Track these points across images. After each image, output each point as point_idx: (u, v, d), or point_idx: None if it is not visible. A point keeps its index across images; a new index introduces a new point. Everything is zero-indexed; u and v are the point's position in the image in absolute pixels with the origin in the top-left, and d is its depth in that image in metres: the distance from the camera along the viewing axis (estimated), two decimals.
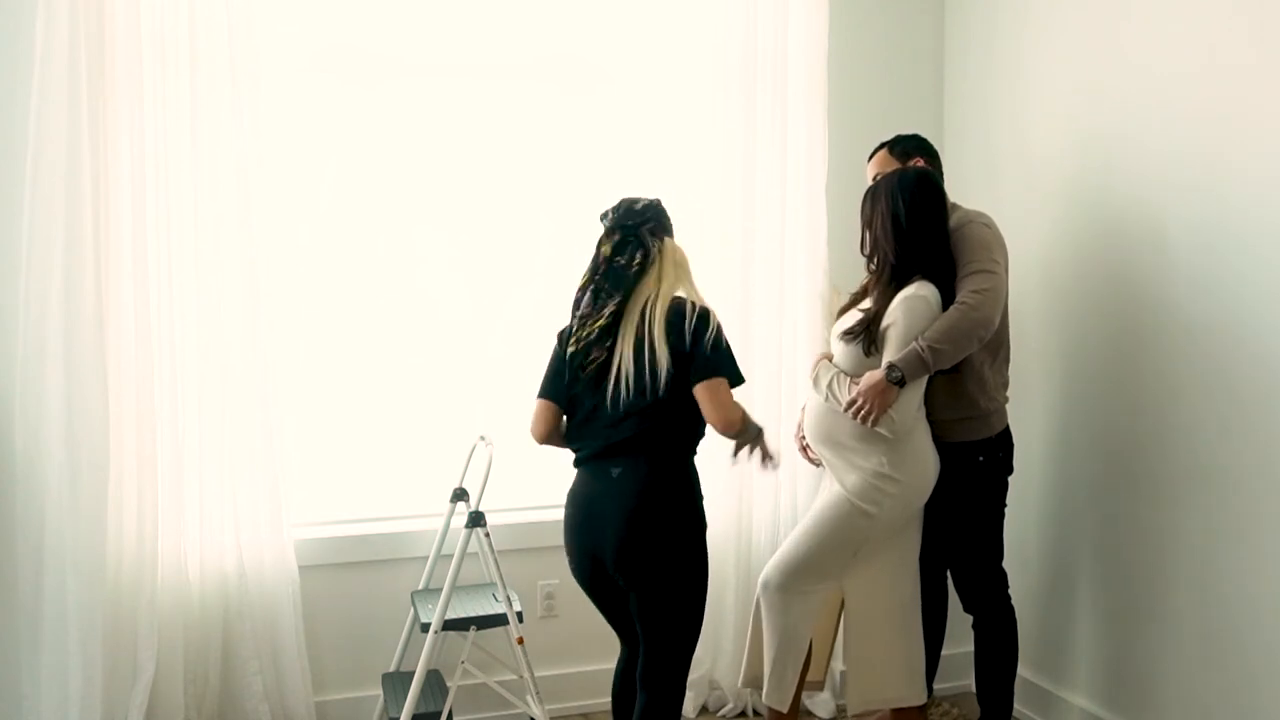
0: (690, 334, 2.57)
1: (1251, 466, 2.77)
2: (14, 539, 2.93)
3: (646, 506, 2.57)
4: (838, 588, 2.99)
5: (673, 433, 2.61)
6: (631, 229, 2.67)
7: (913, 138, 3.18)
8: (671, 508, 2.60)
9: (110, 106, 2.94)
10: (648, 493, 2.58)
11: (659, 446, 2.60)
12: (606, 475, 2.61)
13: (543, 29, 3.55)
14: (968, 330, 2.80)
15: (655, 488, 2.59)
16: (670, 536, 2.58)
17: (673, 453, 2.63)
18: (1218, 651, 2.88)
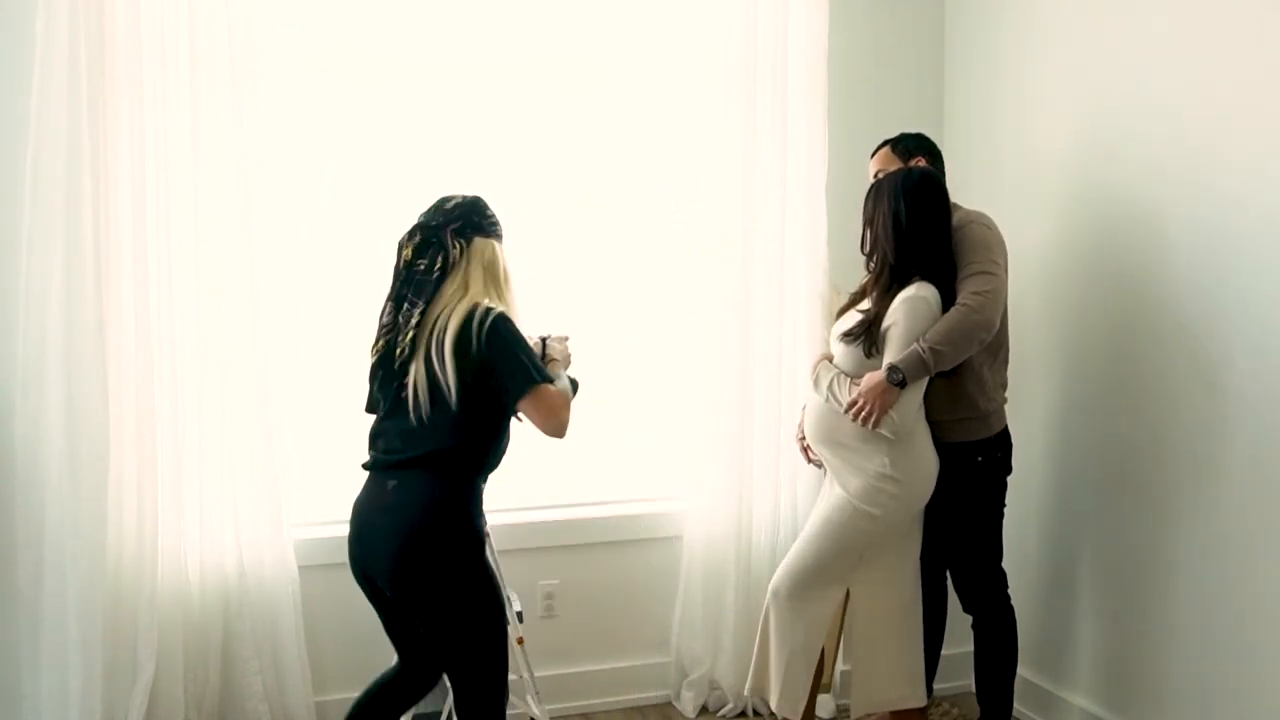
0: (483, 349, 2.40)
1: (1251, 466, 2.77)
2: (14, 538, 2.93)
3: (418, 525, 2.41)
4: (844, 591, 3.00)
5: (459, 451, 2.45)
6: (434, 230, 2.51)
7: (916, 136, 3.18)
8: (444, 529, 2.42)
9: (110, 106, 2.94)
10: (421, 511, 2.42)
11: (441, 464, 2.44)
12: (383, 488, 2.47)
13: (543, 29, 3.55)
14: (969, 332, 2.80)
15: (429, 506, 2.42)
16: (441, 559, 2.41)
17: (456, 471, 2.45)
18: (1217, 651, 2.88)
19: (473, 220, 2.54)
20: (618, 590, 3.64)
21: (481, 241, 2.54)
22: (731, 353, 3.52)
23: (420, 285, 2.48)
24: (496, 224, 2.59)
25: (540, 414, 2.47)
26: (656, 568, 3.66)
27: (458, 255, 2.51)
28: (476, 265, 2.53)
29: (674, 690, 3.67)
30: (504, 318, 2.46)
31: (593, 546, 3.61)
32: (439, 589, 2.43)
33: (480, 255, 2.54)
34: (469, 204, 2.56)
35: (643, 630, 3.67)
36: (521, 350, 2.45)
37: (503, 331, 2.43)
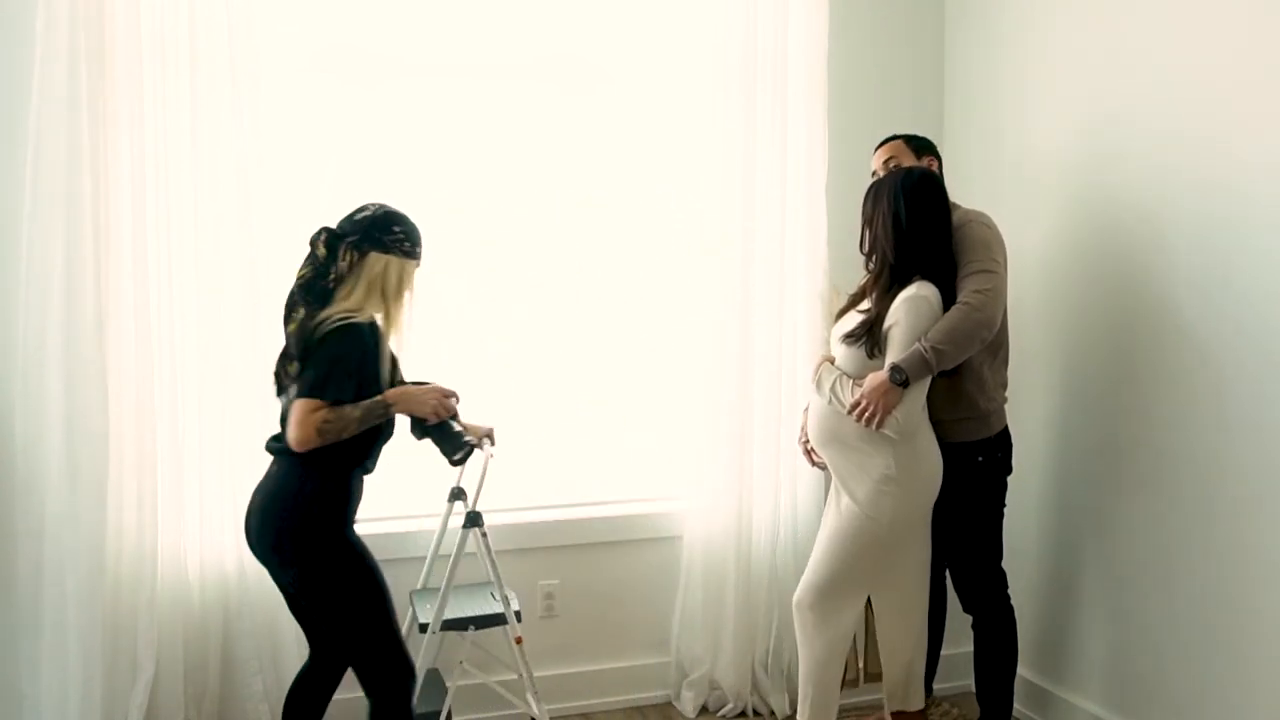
0: (313, 349, 2.51)
1: (1251, 466, 2.77)
2: (14, 538, 2.93)
3: (271, 511, 2.54)
4: (865, 598, 2.99)
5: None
6: (337, 237, 2.61)
7: (928, 140, 3.18)
8: (297, 517, 2.52)
9: (110, 106, 2.94)
10: (275, 498, 2.55)
11: (302, 455, 2.50)
12: (265, 471, 2.63)
13: (543, 29, 3.55)
14: (971, 331, 2.80)
15: (284, 494, 2.54)
16: (294, 546, 2.53)
17: (317, 463, 2.53)
18: (1218, 651, 2.88)
19: (372, 235, 2.60)
20: (618, 590, 3.64)
21: (376, 256, 2.59)
22: (731, 353, 3.52)
23: (305, 291, 2.59)
24: (402, 240, 2.62)
25: (292, 416, 2.49)
26: (656, 568, 3.66)
27: (346, 267, 2.58)
28: (364, 278, 2.58)
29: (674, 690, 3.67)
30: (353, 330, 2.51)
31: (593, 546, 3.61)
32: (299, 574, 2.56)
33: (370, 269, 2.59)
34: (374, 218, 2.62)
35: (643, 630, 3.68)
36: (334, 362, 2.48)
37: (335, 340, 2.49)
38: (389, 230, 2.61)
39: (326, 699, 2.80)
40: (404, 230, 2.63)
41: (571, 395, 3.71)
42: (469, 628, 3.05)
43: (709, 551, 3.58)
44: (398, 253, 2.62)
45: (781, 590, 3.60)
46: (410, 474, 3.49)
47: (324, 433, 2.49)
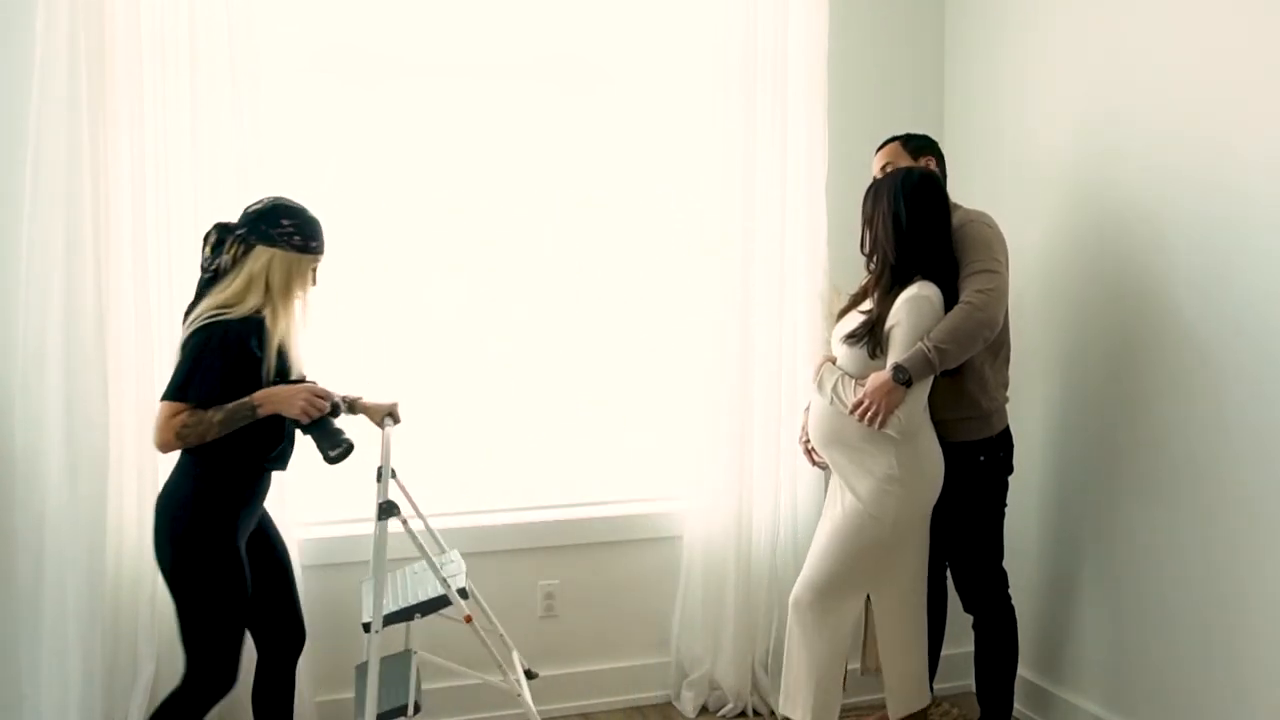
0: (182, 339, 2.52)
1: (1251, 466, 2.77)
2: (14, 538, 2.93)
3: (160, 508, 2.58)
4: (864, 598, 2.99)
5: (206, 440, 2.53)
6: (226, 230, 2.60)
7: (926, 138, 3.18)
8: (178, 516, 2.54)
9: (110, 106, 2.94)
10: (164, 495, 2.58)
11: (193, 453, 2.55)
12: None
13: (543, 29, 3.55)
14: (973, 330, 2.80)
15: (172, 491, 2.57)
16: (170, 542, 2.55)
17: (213, 461, 2.55)
18: (1217, 651, 2.88)
19: (259, 228, 2.58)
20: (618, 590, 3.64)
21: (261, 250, 2.56)
22: (731, 353, 3.52)
23: (202, 287, 2.59)
24: (291, 234, 2.58)
25: (156, 418, 2.51)
26: (656, 568, 3.66)
27: (229, 261, 2.57)
28: (245, 272, 2.56)
29: (674, 690, 3.67)
30: (214, 329, 2.49)
31: (593, 546, 3.61)
32: (167, 568, 2.56)
33: (253, 263, 2.56)
34: (262, 210, 2.59)
35: (643, 630, 3.67)
36: (193, 362, 2.47)
37: (197, 339, 2.49)
38: (276, 223, 2.57)
39: (291, 691, 2.83)
40: (295, 223, 2.58)
41: (572, 395, 3.71)
42: (415, 616, 2.86)
43: (709, 551, 3.58)
44: (285, 246, 2.57)
45: (781, 590, 3.60)
46: (411, 474, 3.50)
47: (183, 437, 2.47)
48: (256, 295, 2.56)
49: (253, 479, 2.66)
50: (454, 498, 3.58)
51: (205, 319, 2.50)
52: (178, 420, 2.48)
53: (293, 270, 2.60)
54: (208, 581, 2.55)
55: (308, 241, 2.61)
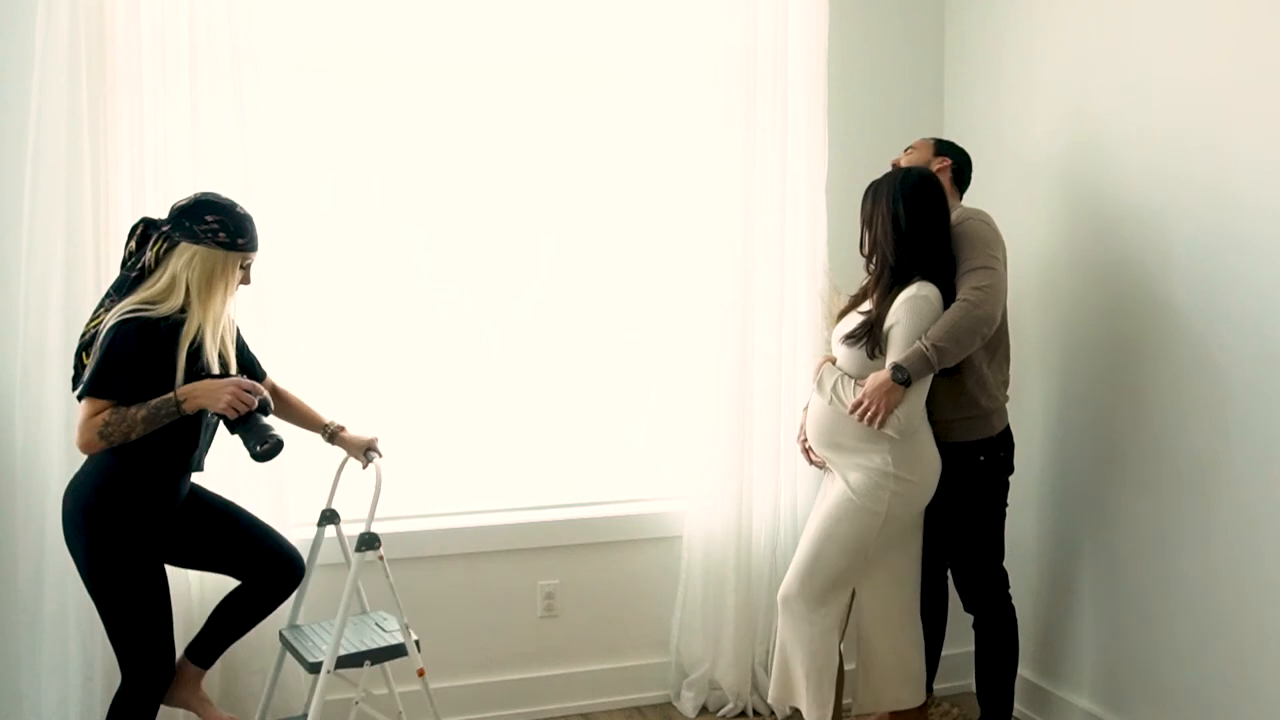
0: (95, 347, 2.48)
1: (1251, 466, 2.77)
2: (14, 539, 2.93)
3: (70, 495, 2.57)
4: (850, 592, 2.99)
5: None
6: (152, 226, 2.58)
7: (950, 143, 3.19)
8: (91, 503, 2.52)
9: (110, 105, 2.93)
10: (78, 483, 2.57)
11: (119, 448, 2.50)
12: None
13: (543, 29, 3.55)
14: (971, 327, 2.80)
15: (88, 478, 2.55)
16: (72, 524, 2.54)
17: (131, 456, 2.52)
18: (1218, 650, 2.88)
19: (183, 224, 2.54)
20: (618, 590, 3.64)
21: (185, 246, 2.52)
22: (731, 352, 3.52)
23: (119, 284, 2.55)
24: (215, 230, 2.53)
25: (77, 418, 2.49)
26: (656, 568, 3.66)
27: (153, 259, 2.54)
28: (169, 272, 2.52)
29: (674, 690, 3.67)
30: (125, 327, 2.45)
31: (593, 546, 3.61)
32: (81, 563, 2.55)
33: (176, 260, 2.52)
34: (185, 206, 2.55)
35: (643, 630, 3.67)
36: (105, 359, 2.43)
37: (109, 337, 2.45)
38: (200, 219, 2.52)
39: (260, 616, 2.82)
40: (220, 219, 2.52)
41: (572, 395, 3.71)
42: (365, 662, 2.78)
43: (709, 551, 3.58)
44: (209, 243, 2.51)
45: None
46: (411, 473, 3.50)
47: (106, 435, 2.44)
48: (179, 294, 2.51)
49: (167, 480, 2.62)
50: (454, 498, 3.58)
51: (124, 313, 2.46)
52: (99, 419, 2.44)
53: (216, 268, 2.53)
54: (120, 578, 2.54)
55: (234, 239, 2.54)
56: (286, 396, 2.94)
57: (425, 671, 2.86)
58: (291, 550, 2.85)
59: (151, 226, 2.59)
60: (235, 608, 2.80)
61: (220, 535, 2.78)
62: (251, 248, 2.61)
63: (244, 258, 2.60)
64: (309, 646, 2.83)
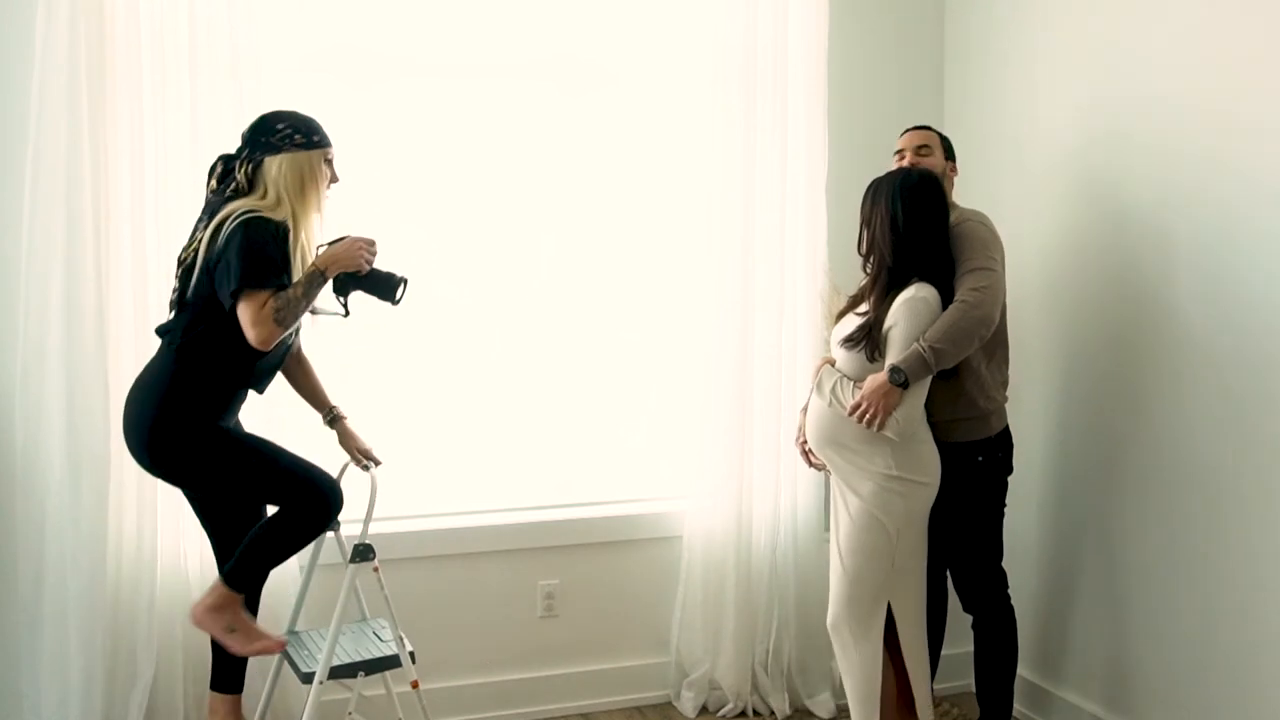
0: (222, 245, 2.51)
1: (1250, 467, 2.77)
2: (14, 539, 2.93)
3: (142, 395, 2.60)
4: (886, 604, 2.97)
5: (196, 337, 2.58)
6: (229, 160, 2.65)
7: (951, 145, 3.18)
8: (164, 401, 2.56)
9: (110, 106, 2.94)
10: (149, 382, 2.60)
11: (180, 345, 2.58)
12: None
13: (543, 29, 3.55)
14: (969, 329, 2.80)
15: (159, 377, 2.59)
16: (157, 435, 2.57)
17: (199, 361, 2.58)
18: (1218, 650, 2.88)
19: (260, 142, 2.61)
20: (618, 590, 3.64)
21: (271, 159, 2.59)
22: (731, 352, 3.52)
23: (215, 208, 2.59)
24: (290, 134, 2.60)
25: (242, 320, 2.51)
26: (656, 568, 3.66)
27: (244, 182, 2.59)
28: (264, 185, 2.59)
29: (674, 690, 3.67)
30: (257, 222, 2.51)
31: (593, 546, 3.61)
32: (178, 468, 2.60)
33: (267, 174, 2.59)
34: (254, 125, 2.63)
35: (643, 630, 3.67)
36: (248, 252, 2.48)
37: (241, 232, 2.50)
38: (272, 130, 2.61)
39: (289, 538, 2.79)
40: (289, 124, 2.62)
41: (572, 395, 3.71)
42: (358, 674, 2.76)
43: (709, 551, 3.58)
44: (290, 147, 2.60)
45: (782, 590, 3.61)
46: (410, 473, 3.50)
47: (282, 320, 2.49)
48: (286, 205, 2.59)
49: (233, 395, 2.66)
50: (454, 498, 3.58)
51: (245, 213, 2.52)
52: (268, 308, 2.49)
53: (304, 170, 2.62)
54: (221, 452, 2.60)
55: (310, 137, 2.64)
56: (306, 365, 2.96)
57: (419, 684, 2.86)
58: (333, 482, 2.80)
59: (230, 159, 2.64)
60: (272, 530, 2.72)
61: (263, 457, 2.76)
62: (328, 143, 2.69)
63: (325, 153, 2.68)
64: (304, 656, 2.82)
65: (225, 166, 2.65)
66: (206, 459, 2.60)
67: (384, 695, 3.00)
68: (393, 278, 2.70)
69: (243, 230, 2.50)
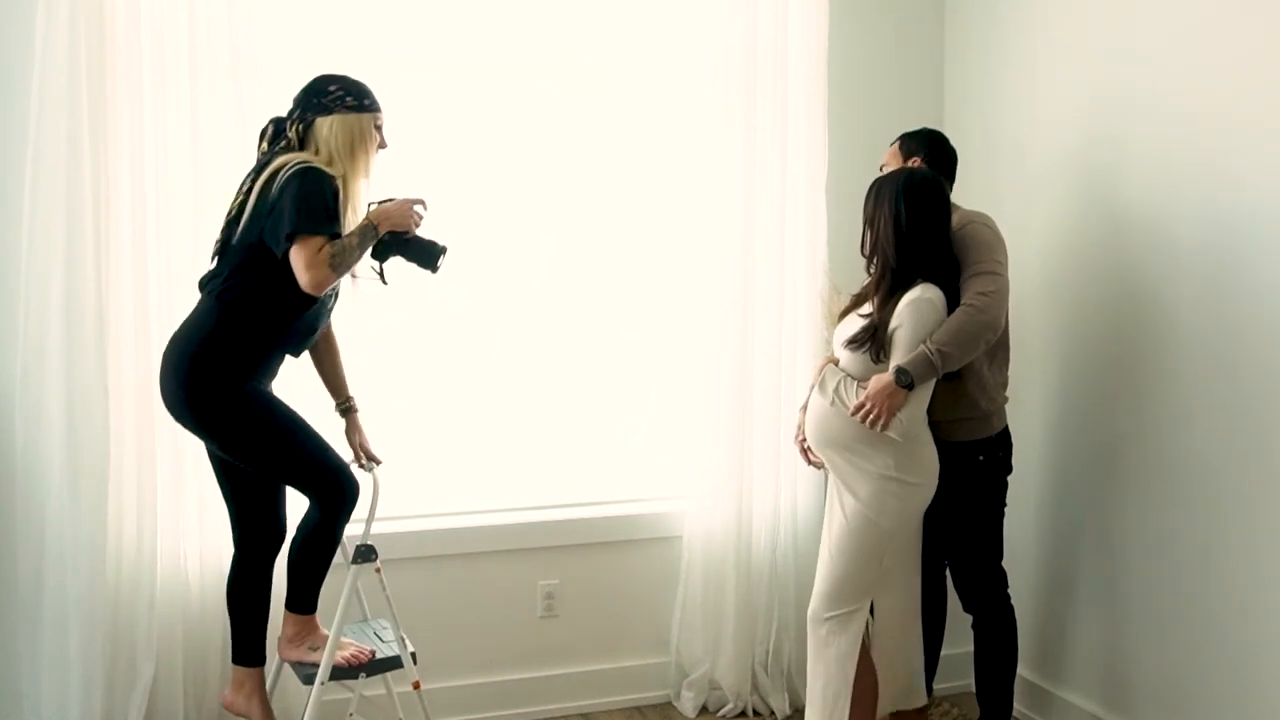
0: (276, 193, 2.54)
1: (1250, 467, 2.77)
2: (14, 539, 2.93)
3: (181, 348, 2.62)
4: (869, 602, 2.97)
5: (240, 286, 2.60)
6: (280, 122, 2.69)
7: (918, 135, 3.16)
8: (203, 353, 2.59)
9: (110, 106, 2.93)
10: (189, 334, 2.62)
11: (222, 295, 2.60)
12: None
13: (543, 29, 3.55)
14: (975, 333, 2.80)
15: (201, 327, 2.61)
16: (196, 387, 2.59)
17: (240, 314, 2.60)
18: (1217, 650, 2.89)
19: (311, 103, 2.65)
20: (618, 590, 3.64)
21: (322, 120, 2.63)
22: (731, 352, 3.52)
23: (264, 161, 2.64)
24: (342, 97, 2.64)
25: (296, 264, 2.53)
26: (656, 568, 3.66)
27: (295, 140, 2.63)
28: (315, 144, 2.63)
29: (674, 690, 3.67)
30: (314, 172, 2.55)
31: (593, 546, 3.61)
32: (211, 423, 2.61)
33: (318, 134, 2.63)
34: (307, 88, 2.67)
35: (643, 630, 3.67)
36: (304, 199, 2.51)
37: (297, 180, 2.53)
38: (325, 92, 2.65)
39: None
40: (341, 86, 2.66)
41: (572, 395, 3.71)
42: (359, 675, 2.77)
43: (709, 551, 3.58)
44: (341, 109, 2.64)
45: (782, 590, 3.61)
46: (410, 473, 3.50)
47: (337, 265, 2.53)
48: (337, 164, 2.63)
49: (268, 342, 2.67)
50: (454, 498, 3.58)
51: (300, 164, 2.56)
52: (324, 253, 2.52)
53: (354, 131, 2.66)
54: (257, 414, 2.62)
55: (361, 100, 2.68)
56: (334, 347, 2.98)
57: (420, 684, 2.86)
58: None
59: (281, 121, 2.68)
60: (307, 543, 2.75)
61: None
62: (378, 108, 2.73)
63: (375, 118, 2.71)
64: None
65: (276, 128, 2.69)
66: (240, 417, 2.62)
67: (384, 695, 3.00)
68: (435, 245, 2.74)
69: (299, 178, 2.53)
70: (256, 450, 2.67)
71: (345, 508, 2.71)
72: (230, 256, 2.64)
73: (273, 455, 2.67)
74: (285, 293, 2.60)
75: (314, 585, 2.75)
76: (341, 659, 2.69)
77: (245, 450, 2.67)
